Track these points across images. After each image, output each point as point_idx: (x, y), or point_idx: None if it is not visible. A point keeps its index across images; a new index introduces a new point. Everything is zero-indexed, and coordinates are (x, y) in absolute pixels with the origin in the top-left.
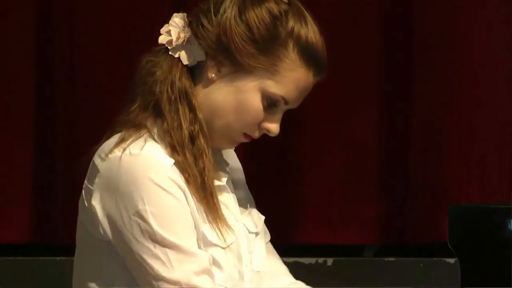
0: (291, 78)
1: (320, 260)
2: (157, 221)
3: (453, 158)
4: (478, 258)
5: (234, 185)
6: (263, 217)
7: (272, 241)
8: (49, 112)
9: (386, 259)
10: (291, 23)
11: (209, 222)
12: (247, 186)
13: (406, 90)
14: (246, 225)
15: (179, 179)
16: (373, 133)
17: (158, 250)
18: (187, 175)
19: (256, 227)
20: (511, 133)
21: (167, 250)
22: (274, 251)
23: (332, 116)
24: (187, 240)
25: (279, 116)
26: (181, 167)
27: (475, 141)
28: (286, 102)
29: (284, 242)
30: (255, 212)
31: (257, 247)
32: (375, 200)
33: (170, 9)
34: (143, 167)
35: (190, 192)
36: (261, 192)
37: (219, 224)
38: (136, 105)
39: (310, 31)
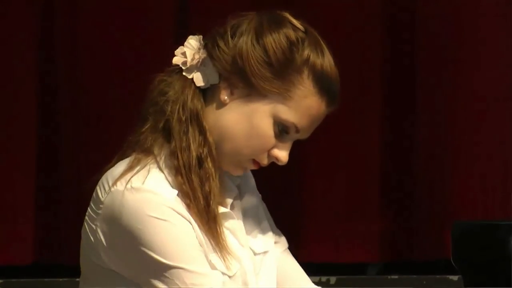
0: (304, 105)
1: (324, 278)
2: (166, 252)
3: (456, 175)
4: (482, 274)
5: (244, 204)
6: (272, 234)
7: None
8: (52, 130)
9: (389, 277)
10: (307, 51)
11: (215, 251)
12: (259, 196)
13: (410, 107)
14: (253, 247)
15: (184, 210)
16: (376, 150)
17: (174, 278)
18: (188, 200)
19: (266, 245)
20: None
21: (182, 275)
22: (293, 258)
23: (336, 133)
24: (199, 263)
25: (289, 144)
26: (184, 192)
27: (478, 158)
28: (297, 130)
29: None
30: (267, 228)
31: (264, 267)
32: (378, 218)
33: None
34: (145, 205)
35: (191, 214)
36: None
37: (223, 252)
38: (147, 126)
39: (326, 61)
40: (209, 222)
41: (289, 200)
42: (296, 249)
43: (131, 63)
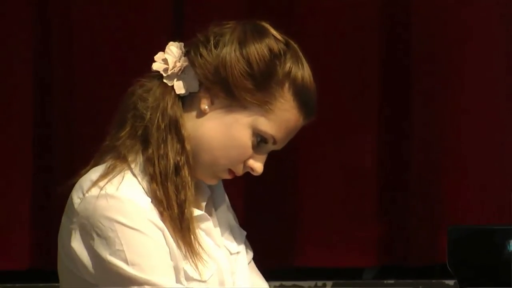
0: (283, 118)
1: (320, 283)
2: (134, 263)
3: (452, 180)
4: (478, 279)
5: (214, 202)
6: (244, 233)
7: (271, 264)
8: (47, 138)
9: (385, 281)
10: (289, 64)
11: (187, 257)
12: (228, 201)
13: (406, 111)
14: (228, 246)
15: (157, 218)
16: (372, 154)
17: None
18: (162, 208)
19: (238, 245)
20: (511, 154)
21: (145, 287)
22: (257, 270)
23: (331, 138)
24: (164, 276)
25: (264, 155)
26: (158, 199)
27: (474, 162)
28: (275, 141)
29: (283, 266)
30: (236, 229)
31: (239, 267)
32: (374, 223)
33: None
34: (118, 211)
35: (166, 226)
36: (259, 215)
37: (195, 259)
38: (125, 131)
39: (306, 74)
40: (183, 230)
41: (285, 204)
42: (292, 254)
43: (125, 64)
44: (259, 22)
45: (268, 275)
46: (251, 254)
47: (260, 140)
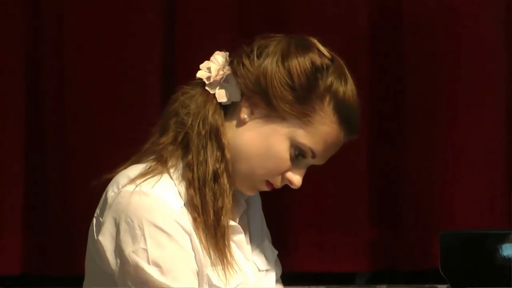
0: (322, 131)
1: (313, 287)
2: (155, 264)
3: (444, 184)
4: (470, 284)
5: (249, 218)
6: (276, 252)
7: None
8: (39, 142)
9: (378, 286)
10: (331, 78)
11: (215, 264)
12: (264, 219)
13: (398, 117)
14: (256, 263)
15: (186, 222)
16: (364, 159)
17: None
18: (196, 214)
19: (268, 263)
20: (503, 159)
21: None
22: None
23: None
24: (184, 283)
25: (304, 169)
26: (193, 205)
27: (466, 167)
28: (313, 155)
29: None
30: (268, 247)
31: (267, 284)
32: (367, 227)
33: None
34: (149, 209)
35: (197, 234)
36: None
37: (225, 267)
38: (167, 136)
39: (348, 90)
40: (217, 237)
41: (278, 209)
42: (285, 258)
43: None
44: (306, 36)
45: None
46: (279, 272)
47: (298, 153)
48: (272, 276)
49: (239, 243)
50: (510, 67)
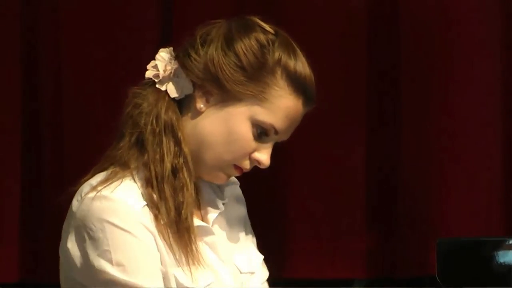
0: (280, 106)
1: None
2: (119, 264)
3: (441, 191)
4: None
5: (230, 221)
6: (261, 256)
7: None
8: (35, 148)
9: None
10: (278, 52)
11: (181, 263)
12: (249, 223)
13: (395, 121)
14: (238, 265)
15: (149, 222)
16: (361, 165)
17: None
18: (157, 211)
19: (253, 266)
20: (499, 166)
21: None
22: None
23: (319, 148)
24: (150, 280)
25: (269, 147)
26: (153, 203)
27: (464, 174)
28: (276, 131)
29: (272, 277)
30: (253, 250)
31: (252, 286)
32: (364, 234)
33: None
34: (110, 212)
35: (160, 232)
36: None
37: (190, 262)
38: (125, 140)
39: (298, 61)
40: (180, 232)
41: (273, 215)
42: (281, 265)
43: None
44: (246, 17)
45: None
46: (266, 275)
47: (260, 132)
48: (257, 278)
49: (212, 244)
50: (508, 66)
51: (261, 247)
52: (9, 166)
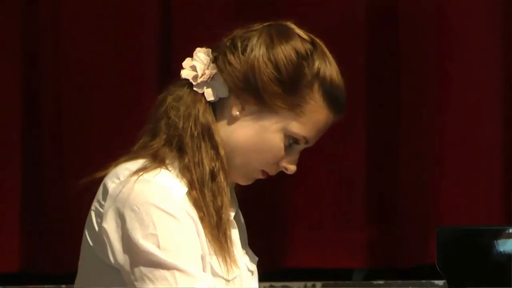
0: (314, 119)
1: (309, 284)
2: (165, 248)
3: (441, 181)
4: (467, 280)
5: (235, 219)
6: (257, 258)
7: (261, 265)
8: (35, 144)
9: (375, 282)
10: (317, 64)
11: (216, 255)
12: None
13: (395, 114)
14: (246, 262)
15: (190, 208)
16: (361, 156)
17: (165, 273)
18: (202, 213)
19: (252, 266)
20: (499, 155)
21: (175, 272)
22: None
23: (321, 140)
24: (193, 264)
25: (297, 154)
26: (198, 204)
27: (463, 164)
28: (306, 141)
29: (273, 266)
30: (250, 250)
31: (253, 285)
32: (364, 224)
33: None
34: (154, 195)
35: (203, 227)
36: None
37: (226, 259)
38: (160, 139)
39: (333, 71)
40: (220, 236)
41: (275, 205)
42: (282, 255)
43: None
44: (284, 23)
45: (258, 276)
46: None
47: (292, 142)
48: (255, 279)
49: (234, 239)
50: (507, 65)
51: (262, 237)
52: (10, 158)
